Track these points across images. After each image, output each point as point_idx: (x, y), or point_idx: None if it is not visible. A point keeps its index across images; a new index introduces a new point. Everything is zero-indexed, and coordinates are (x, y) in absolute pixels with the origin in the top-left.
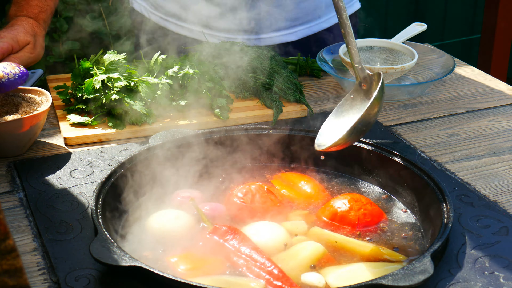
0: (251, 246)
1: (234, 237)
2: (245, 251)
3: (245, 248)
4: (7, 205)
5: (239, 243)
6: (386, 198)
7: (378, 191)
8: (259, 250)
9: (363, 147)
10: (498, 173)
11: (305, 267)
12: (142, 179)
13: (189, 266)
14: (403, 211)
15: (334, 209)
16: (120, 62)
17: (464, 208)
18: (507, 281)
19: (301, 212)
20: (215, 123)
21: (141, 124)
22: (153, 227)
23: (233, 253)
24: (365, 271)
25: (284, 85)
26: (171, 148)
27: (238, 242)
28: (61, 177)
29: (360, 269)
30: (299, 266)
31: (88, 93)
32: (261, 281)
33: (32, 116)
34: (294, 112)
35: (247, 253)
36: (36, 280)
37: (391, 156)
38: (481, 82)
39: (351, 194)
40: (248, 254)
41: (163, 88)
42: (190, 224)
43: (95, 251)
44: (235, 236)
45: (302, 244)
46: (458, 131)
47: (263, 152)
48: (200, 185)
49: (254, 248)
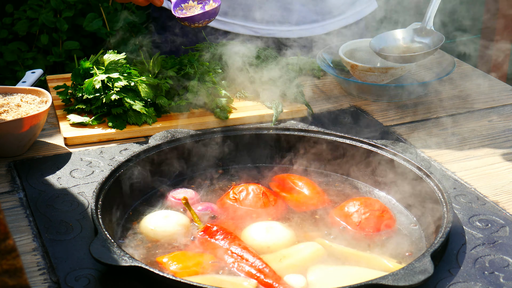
0: (241, 246)
1: (225, 237)
2: (236, 250)
3: (235, 248)
4: (7, 205)
5: (230, 242)
6: (386, 198)
7: (378, 191)
8: (250, 250)
9: (363, 147)
10: (498, 173)
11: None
12: (142, 179)
13: (180, 266)
14: (403, 211)
15: (344, 208)
16: (120, 62)
17: (464, 208)
18: (507, 281)
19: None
20: (215, 123)
21: (141, 124)
22: (146, 227)
23: (224, 252)
24: (350, 272)
25: (284, 85)
26: (171, 148)
27: (229, 242)
28: (61, 177)
29: (346, 271)
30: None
31: (88, 93)
32: (253, 280)
33: (32, 116)
34: (294, 112)
35: (238, 252)
36: (36, 280)
37: (391, 156)
38: (481, 82)
39: (368, 198)
40: (239, 254)
41: (163, 88)
42: (182, 224)
43: (95, 251)
44: (226, 235)
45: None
46: (458, 131)
47: (262, 152)
48: (199, 185)
49: (244, 247)
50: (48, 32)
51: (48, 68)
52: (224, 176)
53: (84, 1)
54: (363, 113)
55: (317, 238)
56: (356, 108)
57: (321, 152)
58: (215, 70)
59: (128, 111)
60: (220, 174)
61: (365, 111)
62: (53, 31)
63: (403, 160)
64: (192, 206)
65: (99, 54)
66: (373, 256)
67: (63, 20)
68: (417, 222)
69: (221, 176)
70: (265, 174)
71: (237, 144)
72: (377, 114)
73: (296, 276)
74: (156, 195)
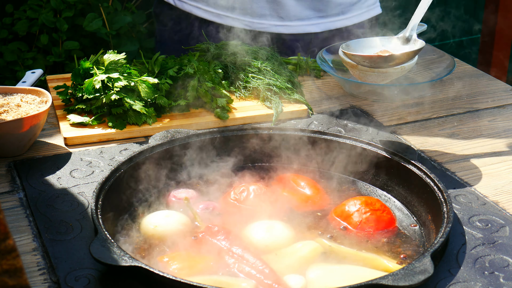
0: (242, 246)
1: (226, 237)
2: (237, 251)
3: (236, 248)
4: (7, 205)
5: (231, 243)
6: (386, 198)
7: (377, 191)
8: (251, 250)
9: (362, 147)
10: (498, 173)
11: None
12: (141, 179)
13: (180, 266)
14: (403, 211)
15: (344, 207)
16: (120, 62)
17: (464, 208)
18: (507, 281)
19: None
20: (215, 123)
21: (141, 124)
22: (147, 227)
23: (225, 252)
24: (350, 272)
25: (284, 85)
26: (171, 148)
27: (230, 242)
28: (61, 177)
29: (345, 270)
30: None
31: (88, 93)
32: (252, 281)
33: (32, 116)
34: (294, 112)
35: (238, 253)
36: (36, 280)
37: (391, 156)
38: (481, 82)
39: (369, 198)
40: (240, 254)
41: (163, 88)
42: (183, 223)
43: (95, 251)
44: (227, 236)
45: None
46: (458, 131)
47: (262, 152)
48: (199, 185)
49: (245, 248)
50: (48, 32)
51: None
52: (225, 176)
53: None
54: (363, 113)
55: (317, 238)
56: (356, 108)
57: (321, 152)
58: (215, 70)
59: (128, 111)
60: (220, 174)
61: (365, 111)
62: (53, 31)
63: (403, 160)
64: (193, 206)
65: (99, 54)
66: (373, 256)
67: (63, 20)
68: (417, 222)
69: (221, 176)
70: (265, 174)
71: (237, 144)
72: (377, 114)
73: (296, 277)
74: (156, 195)
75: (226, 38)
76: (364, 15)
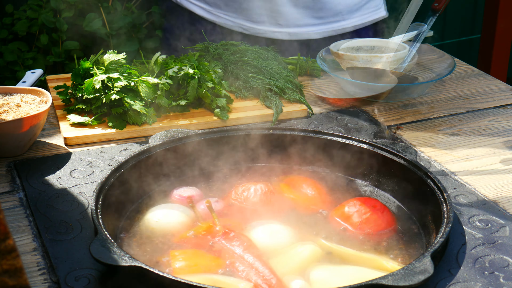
0: (255, 254)
1: (241, 244)
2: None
3: (248, 255)
4: (7, 205)
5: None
6: (386, 198)
7: (377, 191)
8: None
9: (363, 147)
10: (498, 173)
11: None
12: (142, 179)
13: (182, 264)
14: (403, 211)
15: (344, 208)
16: (120, 62)
17: (464, 208)
18: (507, 281)
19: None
20: (215, 123)
21: (141, 124)
22: (150, 221)
23: (237, 259)
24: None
25: (284, 85)
26: (171, 148)
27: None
28: (61, 177)
29: (346, 271)
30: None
31: (88, 93)
32: (249, 283)
33: (32, 116)
34: (294, 112)
35: (250, 260)
36: (36, 280)
37: (391, 156)
38: (481, 82)
39: (368, 199)
40: (251, 262)
41: (163, 88)
42: (185, 223)
43: (95, 251)
44: (242, 242)
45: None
46: (458, 131)
47: (263, 152)
48: (199, 186)
49: (258, 256)
50: (48, 32)
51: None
52: (225, 176)
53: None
54: (363, 113)
55: (317, 239)
56: (356, 108)
57: (321, 152)
58: (215, 70)
59: (128, 111)
60: (221, 174)
61: (365, 111)
62: (53, 31)
63: (403, 160)
64: (196, 205)
65: (99, 54)
66: (373, 256)
67: (63, 20)
68: (417, 222)
69: (221, 176)
70: (266, 174)
71: (237, 144)
72: (377, 114)
73: (297, 282)
74: (156, 195)
75: (225, 39)
76: (365, 19)
